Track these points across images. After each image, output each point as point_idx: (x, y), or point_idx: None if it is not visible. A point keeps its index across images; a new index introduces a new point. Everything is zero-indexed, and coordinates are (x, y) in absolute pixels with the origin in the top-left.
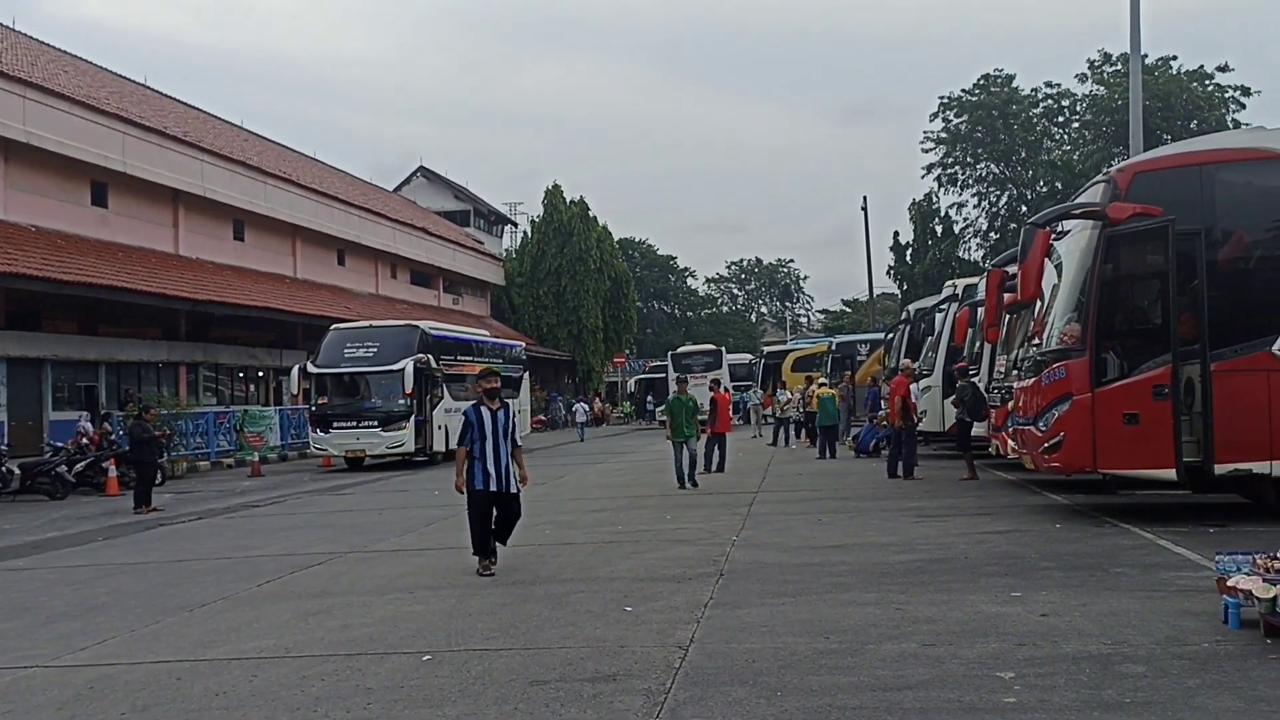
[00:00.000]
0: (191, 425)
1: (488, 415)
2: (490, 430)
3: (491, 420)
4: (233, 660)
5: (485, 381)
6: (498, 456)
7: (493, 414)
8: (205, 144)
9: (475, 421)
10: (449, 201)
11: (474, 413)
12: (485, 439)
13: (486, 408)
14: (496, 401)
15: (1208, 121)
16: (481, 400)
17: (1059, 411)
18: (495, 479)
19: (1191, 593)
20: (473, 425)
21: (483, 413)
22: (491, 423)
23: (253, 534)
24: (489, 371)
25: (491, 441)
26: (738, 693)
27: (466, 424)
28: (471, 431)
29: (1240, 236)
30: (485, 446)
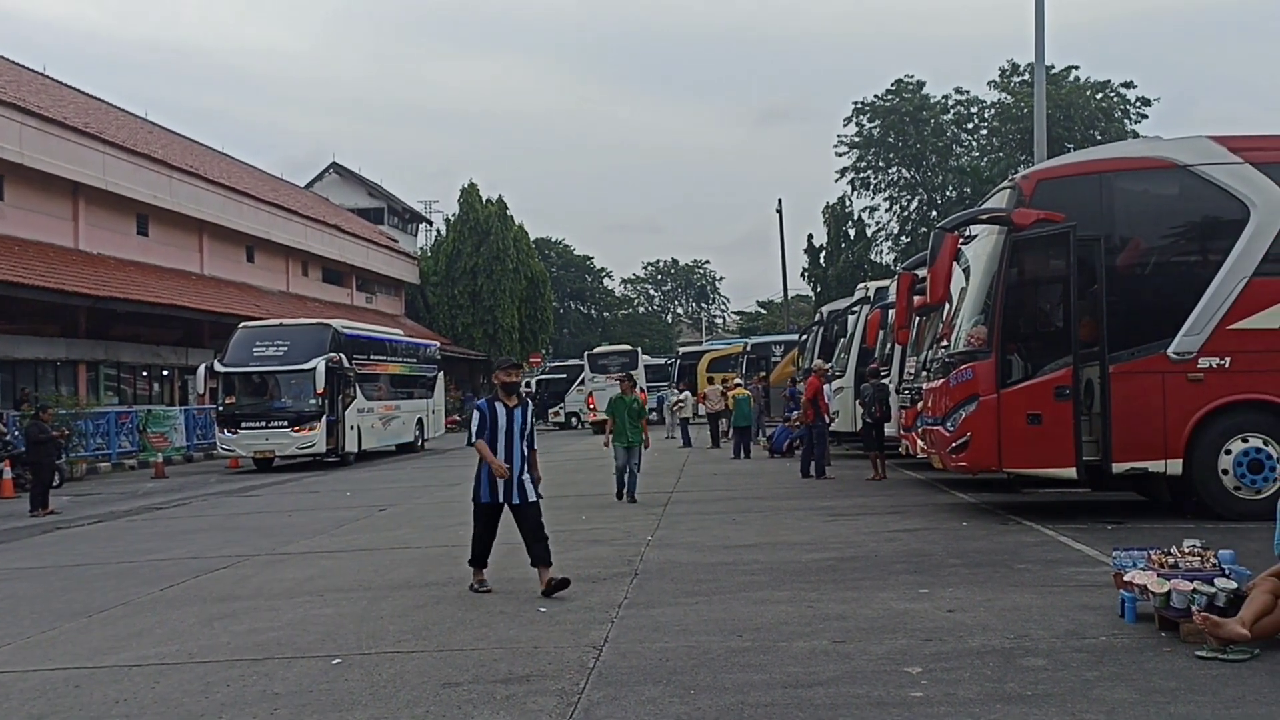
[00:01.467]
0: (91, 425)
1: (503, 412)
2: (505, 429)
3: (507, 418)
4: (134, 667)
5: (505, 373)
6: (510, 460)
7: (509, 411)
8: (108, 136)
9: (489, 417)
10: (362, 199)
11: (488, 406)
12: (498, 439)
13: (503, 403)
14: (515, 398)
15: (1109, 131)
16: (497, 394)
17: (966, 412)
18: (504, 487)
19: (1090, 588)
20: (486, 421)
21: (498, 408)
22: (507, 421)
23: (155, 537)
24: (510, 363)
25: (504, 442)
26: (651, 692)
27: (480, 419)
28: (485, 428)
29: (1137, 243)
30: (497, 448)
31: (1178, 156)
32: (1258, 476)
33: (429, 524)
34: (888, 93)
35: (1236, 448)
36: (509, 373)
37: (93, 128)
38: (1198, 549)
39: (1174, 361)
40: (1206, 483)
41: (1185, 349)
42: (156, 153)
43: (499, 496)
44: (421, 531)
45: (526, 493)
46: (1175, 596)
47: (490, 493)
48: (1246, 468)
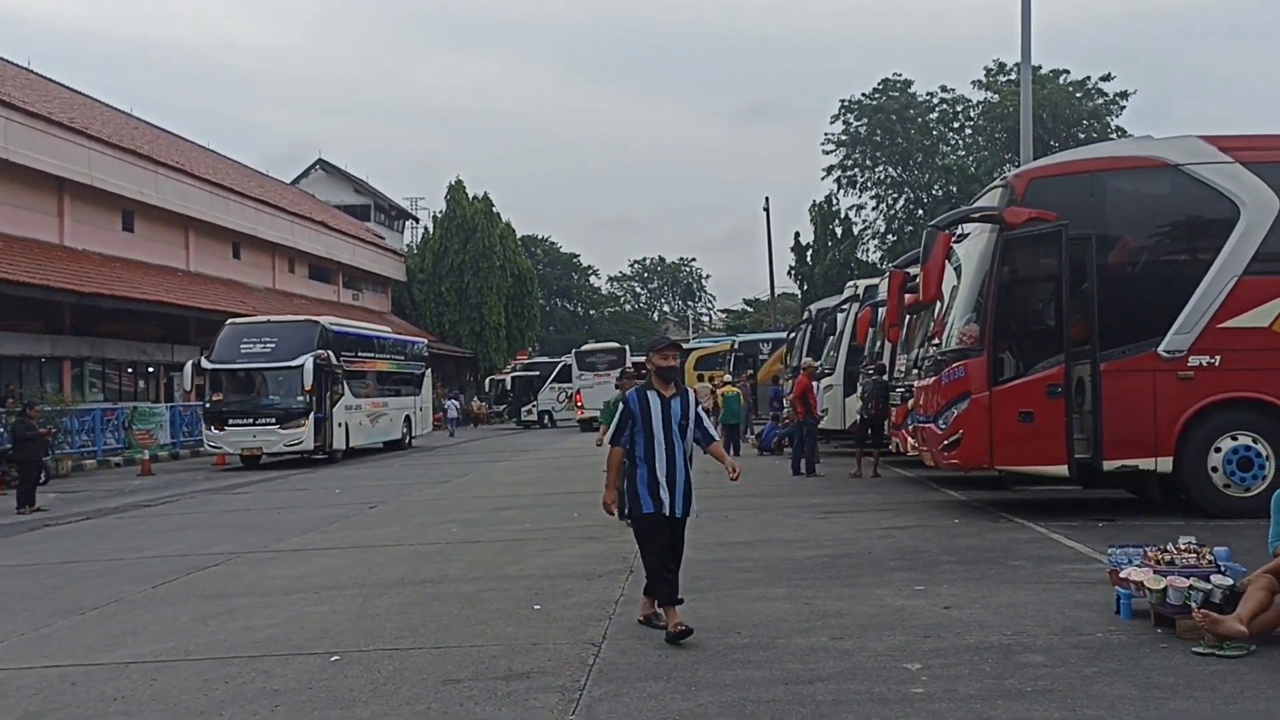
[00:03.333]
0: (77, 422)
1: (657, 404)
2: (661, 424)
3: (663, 411)
4: (130, 664)
5: (660, 355)
6: (672, 464)
7: (665, 402)
8: (93, 131)
9: (638, 411)
10: (349, 195)
11: (636, 399)
12: (653, 437)
13: (657, 393)
14: (671, 386)
15: (1092, 128)
16: (649, 383)
17: (958, 410)
18: (671, 497)
19: (1085, 584)
20: (634, 417)
21: (649, 399)
22: (663, 414)
23: (144, 534)
24: (667, 343)
25: (663, 441)
26: (652, 688)
27: (624, 415)
28: (632, 425)
29: (1128, 241)
30: (654, 448)
31: (1168, 156)
32: (1247, 474)
33: (420, 522)
34: (874, 91)
35: (1226, 445)
36: (664, 354)
37: (78, 123)
38: (1193, 546)
39: (1165, 360)
40: (1196, 480)
41: (1176, 347)
42: (142, 148)
43: (665, 507)
44: (412, 529)
45: (690, 505)
46: (1171, 593)
47: (652, 498)
48: (1236, 465)
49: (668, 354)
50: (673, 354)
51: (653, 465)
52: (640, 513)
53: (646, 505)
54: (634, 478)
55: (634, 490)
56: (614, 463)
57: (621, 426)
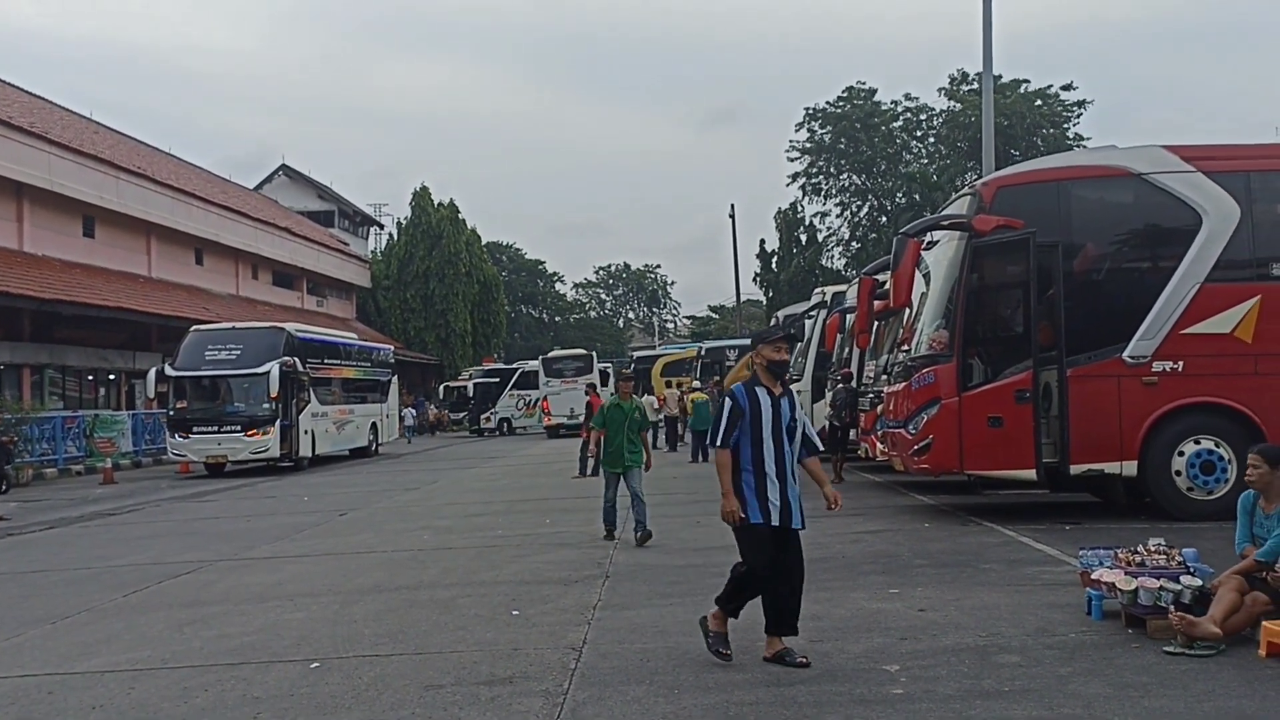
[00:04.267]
0: (37, 430)
1: (768, 402)
2: (771, 424)
3: (773, 410)
4: (107, 672)
5: (773, 348)
6: (782, 470)
7: (775, 401)
8: (53, 135)
9: (748, 408)
10: (312, 201)
11: (744, 393)
12: (763, 440)
13: (767, 390)
14: (780, 385)
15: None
16: (757, 377)
17: (928, 415)
18: (784, 507)
19: (1056, 586)
20: (744, 413)
21: (759, 397)
22: (773, 414)
23: (111, 543)
24: (781, 335)
25: (773, 444)
26: (635, 691)
27: (733, 412)
28: (740, 423)
29: (1093, 249)
30: (762, 451)
31: (1133, 165)
32: (1209, 478)
33: (391, 529)
34: (839, 99)
35: (1189, 449)
36: (777, 346)
37: (37, 127)
38: (1163, 548)
39: (1129, 365)
40: (1160, 484)
41: (1140, 353)
42: (103, 153)
43: (775, 517)
44: (385, 536)
45: (801, 516)
46: (1142, 594)
47: (762, 509)
48: (1199, 469)
49: (781, 346)
50: (786, 347)
51: (761, 471)
52: (749, 521)
53: (755, 513)
54: (739, 481)
55: (741, 496)
56: (727, 464)
57: (731, 425)
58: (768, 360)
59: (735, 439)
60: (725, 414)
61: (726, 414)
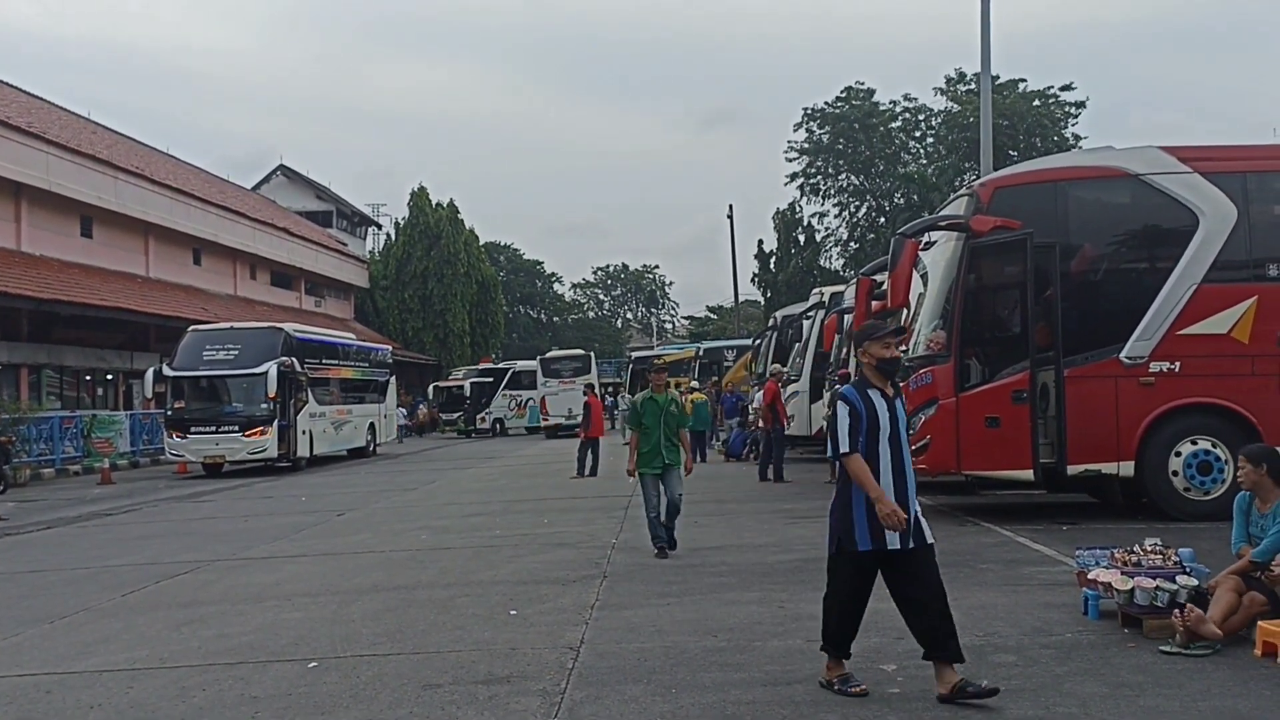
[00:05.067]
0: (35, 430)
1: (882, 405)
2: (888, 430)
3: (889, 413)
4: (105, 672)
5: (882, 345)
6: (902, 480)
7: (889, 403)
8: (51, 135)
9: (864, 411)
10: (311, 201)
11: (858, 397)
12: (878, 448)
13: (879, 392)
14: (890, 385)
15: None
16: (867, 378)
17: (925, 415)
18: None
19: (1052, 586)
20: (861, 417)
21: (874, 400)
22: (889, 417)
23: (109, 543)
24: (891, 329)
25: (889, 454)
26: (633, 691)
27: (852, 415)
28: (859, 425)
29: (1090, 250)
30: (878, 462)
31: (1130, 166)
32: (1206, 478)
33: (389, 529)
34: (837, 99)
35: (1186, 450)
36: (886, 343)
37: (35, 127)
38: (1159, 547)
39: (1126, 366)
40: (1157, 484)
41: (1137, 354)
42: (101, 153)
43: (888, 541)
44: (382, 536)
45: (924, 532)
46: (1139, 594)
47: (873, 534)
48: (1196, 469)
49: (890, 343)
50: (896, 343)
51: (880, 480)
52: (852, 549)
53: (861, 539)
54: (846, 500)
55: (845, 517)
56: (863, 470)
57: (855, 429)
58: (877, 359)
59: (863, 443)
60: (845, 417)
61: (846, 417)
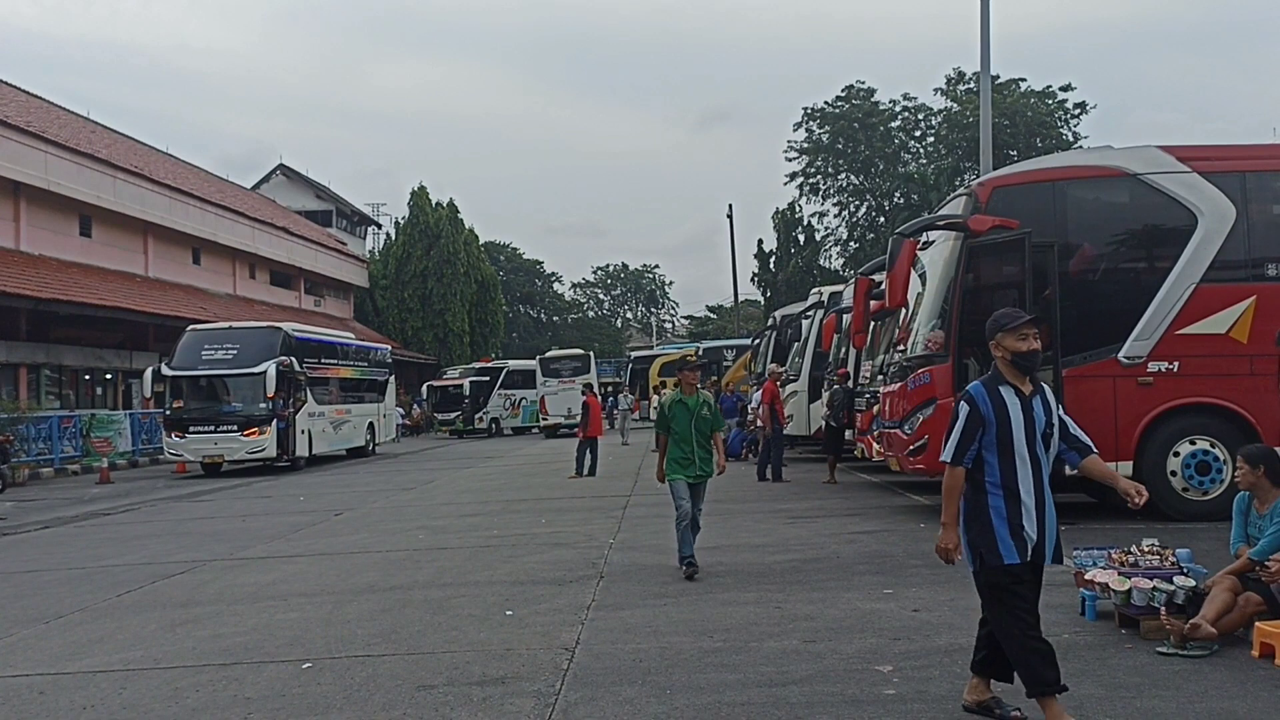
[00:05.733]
0: (33, 430)
1: (1016, 405)
2: (1024, 433)
3: (1024, 414)
4: (99, 673)
5: (1017, 337)
6: (1040, 489)
7: (1025, 403)
8: (50, 135)
9: (990, 414)
10: (310, 201)
11: (984, 396)
12: (1013, 451)
13: (1014, 389)
14: (1029, 382)
15: (1050, 137)
16: (999, 374)
17: (923, 415)
18: (1041, 536)
19: (1049, 587)
20: (985, 422)
21: (1004, 398)
22: (1024, 419)
23: (106, 543)
24: (1025, 320)
25: (1027, 457)
26: (628, 692)
27: (971, 420)
28: (983, 433)
29: (1089, 249)
30: (1014, 467)
31: (1128, 165)
32: (1205, 478)
33: (386, 528)
34: (837, 99)
35: (1185, 450)
36: (1023, 335)
37: (34, 126)
38: (1156, 548)
39: (1125, 366)
40: (1156, 484)
41: (1135, 353)
42: (100, 152)
43: (1028, 553)
44: (380, 536)
45: (1060, 547)
46: (1136, 594)
47: (1014, 540)
48: (1194, 469)
49: (1028, 334)
50: (1034, 335)
51: (1014, 493)
52: (998, 564)
53: (1007, 552)
54: (981, 510)
55: (983, 530)
56: (957, 488)
57: (967, 437)
58: (1012, 352)
59: (973, 454)
60: (960, 421)
61: (962, 421)
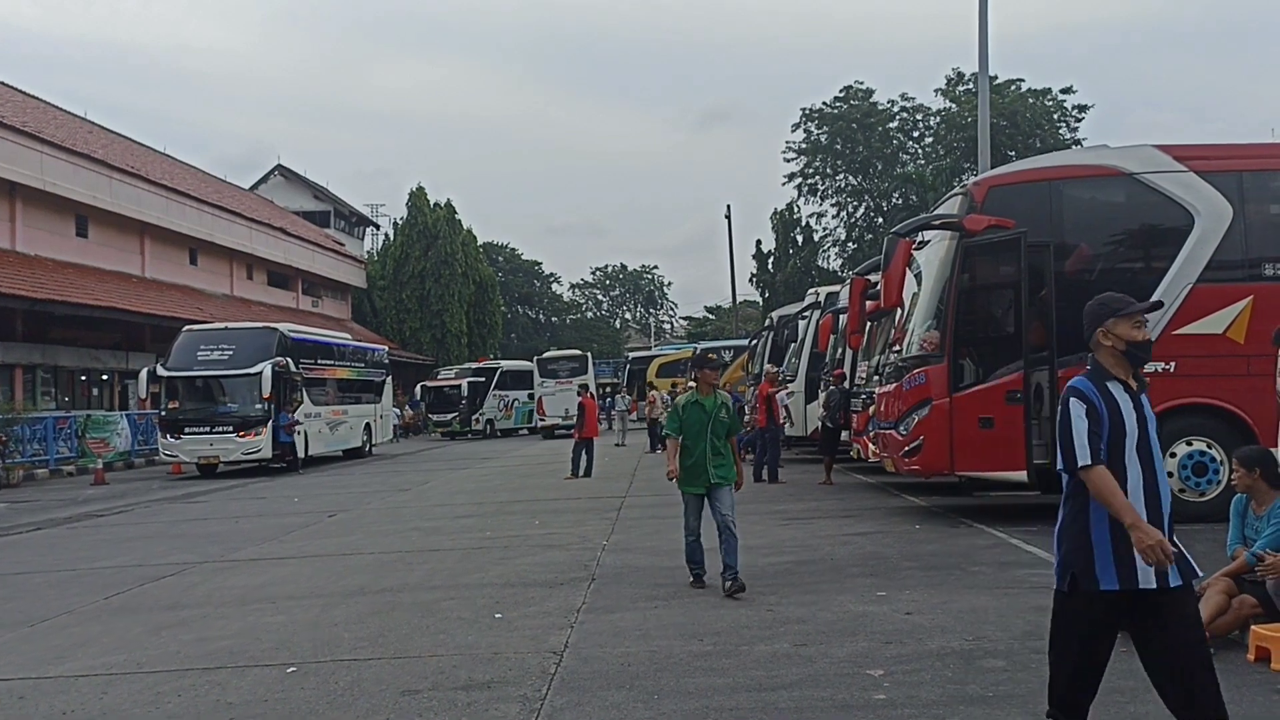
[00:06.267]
0: (29, 431)
1: (1126, 401)
2: (1136, 434)
3: (1135, 412)
4: (80, 677)
5: (1131, 324)
6: (1155, 498)
7: (1134, 399)
8: (46, 135)
9: (1104, 411)
10: (308, 201)
11: (1094, 390)
12: (1124, 458)
13: (1122, 385)
14: (1135, 378)
15: (1049, 137)
16: (1104, 368)
17: (919, 416)
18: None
19: (1044, 589)
20: (1102, 417)
21: (1113, 393)
22: (1136, 418)
23: (98, 545)
24: (1152, 305)
25: (1139, 463)
26: (615, 697)
27: (1090, 416)
28: (1098, 429)
29: (1085, 249)
30: (1124, 475)
31: (1124, 165)
32: (1202, 479)
33: (379, 530)
34: (836, 99)
35: (1181, 451)
36: (1138, 321)
37: (30, 126)
38: None
39: None
40: None
41: None
42: (96, 153)
43: (1138, 579)
44: (372, 537)
45: (1190, 566)
46: None
47: (1120, 570)
48: (1191, 470)
49: (1141, 321)
50: (1145, 321)
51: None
52: (1092, 589)
53: (1105, 576)
54: (1079, 525)
55: (1080, 547)
56: (1113, 486)
57: (1094, 433)
58: (1127, 341)
59: (1098, 449)
60: (1080, 417)
61: (1083, 417)
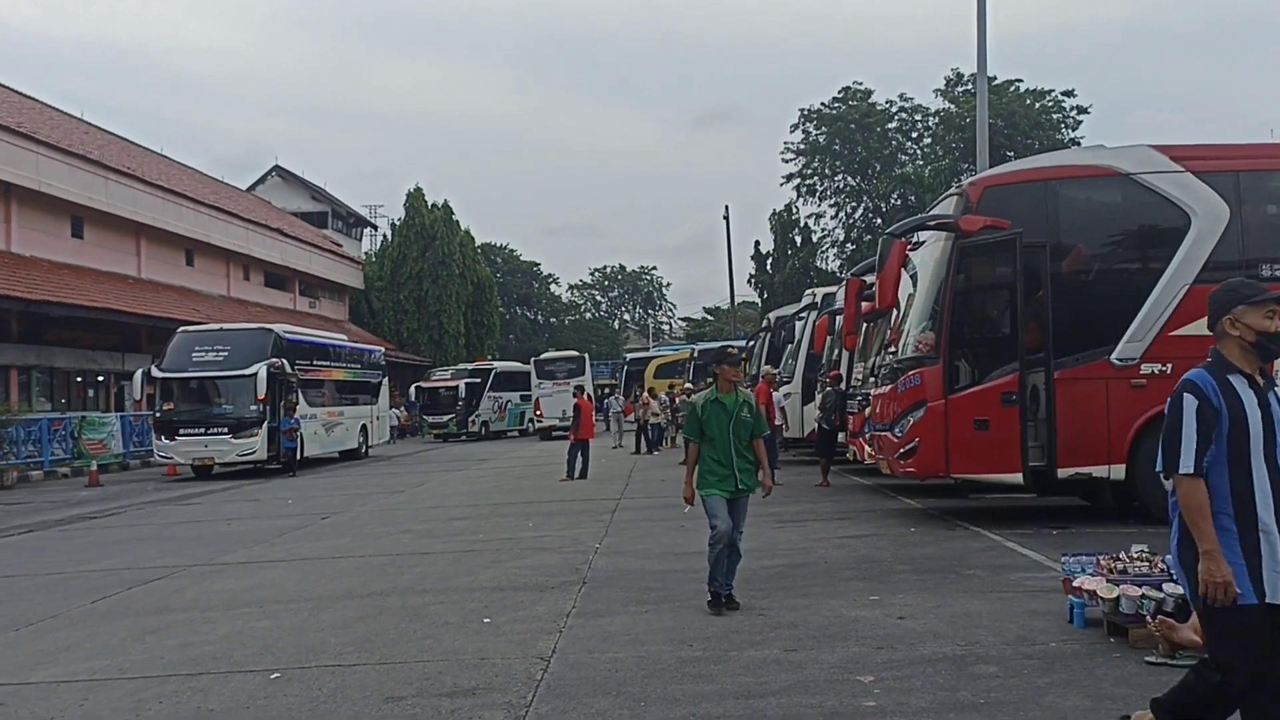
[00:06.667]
0: (23, 432)
1: (1251, 398)
2: (1262, 435)
3: (1260, 408)
4: (62, 683)
5: (1262, 314)
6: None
7: (1260, 395)
8: (41, 135)
9: (1223, 408)
10: (306, 202)
11: (1213, 385)
12: (1249, 461)
13: (1245, 378)
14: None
15: (1047, 138)
16: (1227, 361)
17: (914, 418)
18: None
19: (1038, 593)
20: (1220, 416)
21: (1237, 390)
22: (1261, 417)
23: (88, 547)
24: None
25: (1264, 466)
26: (601, 704)
27: (1202, 416)
28: (1217, 428)
29: (1081, 250)
30: (1250, 480)
31: (1121, 165)
32: None
33: (372, 532)
34: (834, 100)
35: None
36: (1271, 310)
37: (25, 127)
38: (1145, 554)
39: (1117, 368)
40: (1149, 487)
41: (1128, 355)
42: (92, 153)
43: (1269, 592)
44: (364, 540)
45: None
46: (1124, 602)
47: (1255, 580)
48: None
49: (1276, 310)
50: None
51: (1250, 512)
52: (1237, 604)
53: (1246, 589)
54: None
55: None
56: (1204, 505)
57: (1204, 434)
58: (1258, 331)
59: (1213, 452)
60: (1192, 417)
61: (1193, 416)
